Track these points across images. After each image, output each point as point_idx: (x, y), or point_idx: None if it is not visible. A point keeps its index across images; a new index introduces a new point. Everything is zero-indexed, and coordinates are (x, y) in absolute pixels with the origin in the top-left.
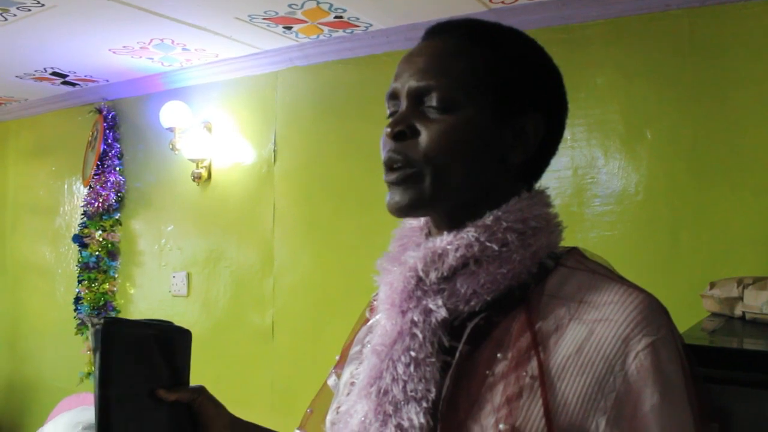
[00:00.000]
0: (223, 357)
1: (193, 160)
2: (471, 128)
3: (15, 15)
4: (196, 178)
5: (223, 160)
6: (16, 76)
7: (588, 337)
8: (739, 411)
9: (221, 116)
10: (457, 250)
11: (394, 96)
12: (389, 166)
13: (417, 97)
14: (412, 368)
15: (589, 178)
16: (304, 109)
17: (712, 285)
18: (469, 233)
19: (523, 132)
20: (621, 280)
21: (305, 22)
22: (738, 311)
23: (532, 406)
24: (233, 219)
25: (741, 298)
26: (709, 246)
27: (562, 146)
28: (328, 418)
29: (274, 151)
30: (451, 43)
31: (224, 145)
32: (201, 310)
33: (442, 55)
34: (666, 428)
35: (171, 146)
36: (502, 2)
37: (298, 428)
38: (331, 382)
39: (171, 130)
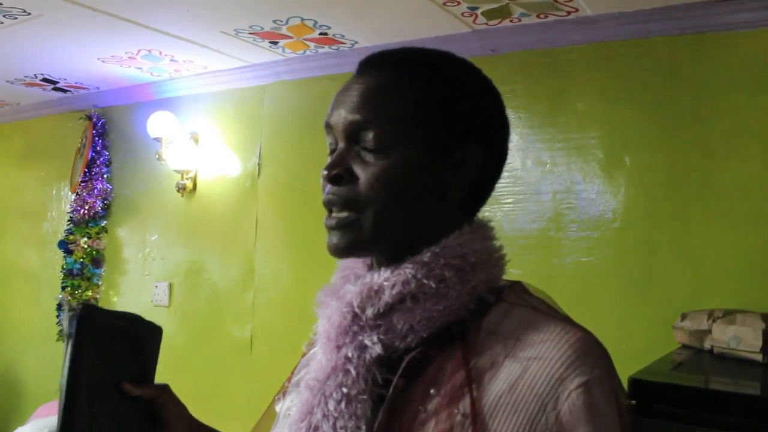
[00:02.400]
0: (201, 369)
1: (178, 171)
2: (408, 168)
3: (2, 22)
4: (181, 189)
5: (208, 172)
6: (7, 81)
7: (521, 375)
8: None
9: (208, 128)
10: (393, 286)
11: (329, 130)
12: (328, 209)
13: (352, 136)
14: (343, 405)
15: (567, 203)
16: (289, 124)
17: (684, 316)
18: (407, 270)
19: (462, 164)
20: (560, 318)
21: (291, 37)
22: (707, 344)
23: None
24: (216, 231)
25: (710, 331)
26: (684, 275)
27: (542, 170)
28: None
29: (259, 164)
30: (385, 78)
31: (210, 157)
32: (181, 321)
33: (376, 90)
34: None
35: (157, 156)
36: (486, 24)
37: None
38: (278, 407)
39: (158, 140)
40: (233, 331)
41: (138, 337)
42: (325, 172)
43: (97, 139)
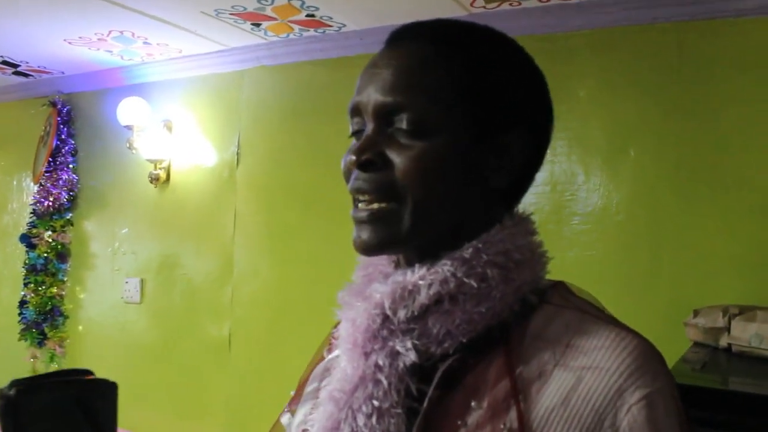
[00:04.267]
0: (175, 369)
1: (151, 161)
2: (449, 154)
3: None
4: (154, 179)
5: (182, 162)
6: None
7: (575, 386)
8: None
9: (182, 115)
10: (430, 286)
11: (356, 112)
12: (357, 198)
13: (384, 117)
14: (374, 420)
15: (568, 195)
16: (270, 111)
17: (696, 313)
18: (445, 267)
19: (506, 151)
20: (613, 322)
21: (275, 19)
22: (723, 342)
23: None
24: (192, 224)
25: (727, 329)
26: (691, 270)
27: None
28: None
29: (238, 154)
30: (422, 52)
31: (185, 146)
32: (154, 318)
33: (412, 66)
34: None
35: (128, 145)
36: (484, 7)
37: None
38: (284, 420)
39: (129, 127)
40: (210, 329)
41: (90, 402)
42: (353, 157)
43: (62, 126)
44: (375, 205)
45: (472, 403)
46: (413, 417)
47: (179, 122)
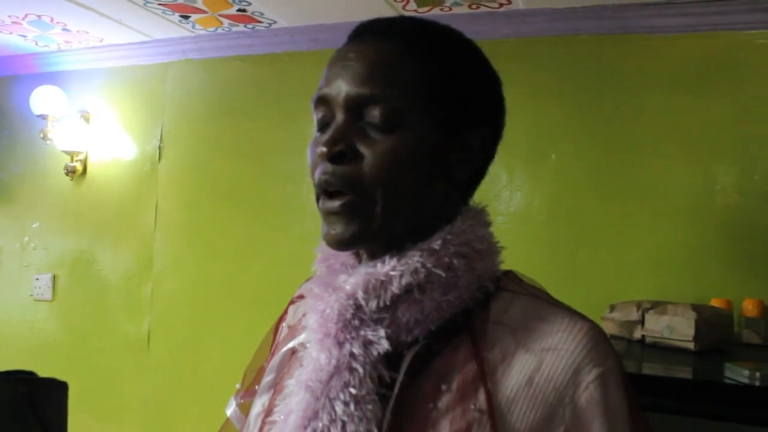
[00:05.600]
0: (91, 368)
1: (67, 152)
2: (419, 148)
3: None
4: (70, 172)
5: (101, 154)
6: None
7: (538, 367)
8: None
9: (102, 106)
10: (402, 276)
11: (323, 103)
12: (325, 190)
13: (355, 110)
14: (352, 407)
15: (492, 195)
16: (195, 105)
17: (612, 308)
18: (415, 258)
19: (469, 146)
20: (564, 307)
21: (204, 12)
22: (637, 334)
23: None
24: (110, 218)
25: (641, 322)
26: (607, 268)
27: None
28: None
29: (160, 147)
30: (393, 47)
31: (103, 138)
32: (67, 316)
33: (386, 60)
34: None
35: (42, 135)
36: (416, 11)
37: None
38: (230, 412)
39: (43, 117)
40: (128, 327)
41: (41, 401)
42: (324, 149)
43: None
44: (346, 197)
45: (442, 387)
46: (384, 402)
47: (98, 113)
